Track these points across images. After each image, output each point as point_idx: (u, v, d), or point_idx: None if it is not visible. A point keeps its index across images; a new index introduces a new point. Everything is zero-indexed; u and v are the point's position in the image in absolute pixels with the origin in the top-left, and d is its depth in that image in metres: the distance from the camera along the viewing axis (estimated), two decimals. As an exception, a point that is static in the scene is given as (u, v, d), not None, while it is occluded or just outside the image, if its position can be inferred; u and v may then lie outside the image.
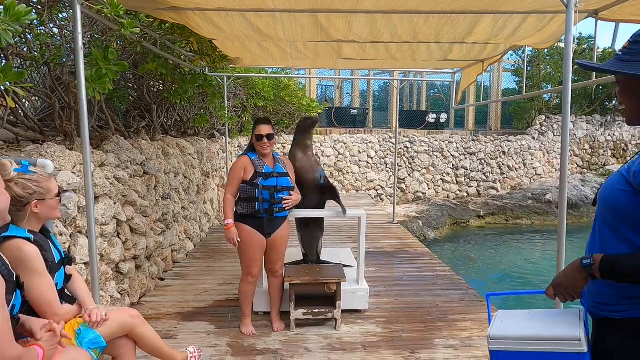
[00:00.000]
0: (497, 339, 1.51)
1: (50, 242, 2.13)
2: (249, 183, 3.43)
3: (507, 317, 1.61)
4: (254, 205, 3.44)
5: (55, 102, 3.69)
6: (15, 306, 1.66)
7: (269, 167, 3.50)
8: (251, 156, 3.51)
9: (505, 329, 1.54)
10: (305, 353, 3.37)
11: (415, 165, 12.84)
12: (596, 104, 15.06)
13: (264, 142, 3.46)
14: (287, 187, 3.52)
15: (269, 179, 3.45)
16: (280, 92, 9.75)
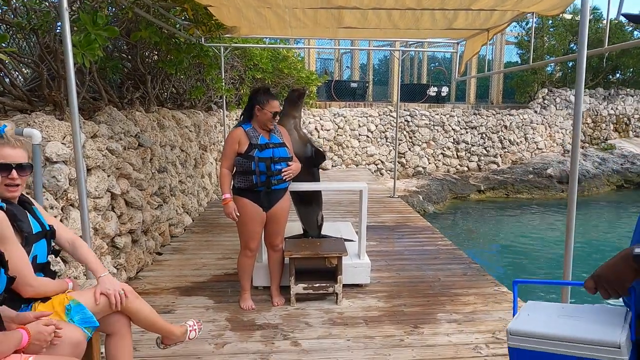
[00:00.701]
0: (517, 335, 1.27)
1: (31, 213, 2.02)
2: (245, 156, 3.29)
3: (535, 309, 1.37)
4: (250, 178, 3.31)
5: (43, 70, 3.53)
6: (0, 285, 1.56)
7: (264, 138, 3.35)
8: (245, 127, 3.36)
9: (529, 323, 1.30)
10: (305, 328, 3.31)
11: (415, 139, 12.69)
12: (600, 77, 14.83)
13: (276, 119, 3.37)
14: (284, 158, 3.39)
15: (264, 150, 3.31)
16: (278, 64, 9.51)
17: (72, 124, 2.68)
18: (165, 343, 2.42)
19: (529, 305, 1.39)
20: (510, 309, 3.63)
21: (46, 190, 2.95)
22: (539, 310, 1.36)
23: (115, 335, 2.21)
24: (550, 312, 1.35)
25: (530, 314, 1.34)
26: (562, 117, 13.89)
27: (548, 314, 1.33)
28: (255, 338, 3.15)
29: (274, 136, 3.40)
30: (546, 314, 1.33)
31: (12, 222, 1.85)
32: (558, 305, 1.39)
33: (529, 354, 1.26)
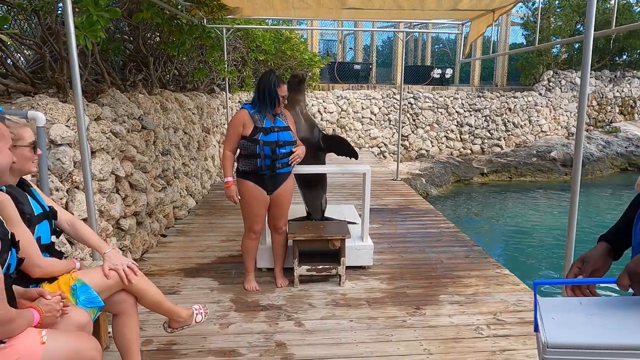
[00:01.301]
0: (556, 348, 1.09)
1: (30, 195, 2.04)
2: (249, 139, 3.28)
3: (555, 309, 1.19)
4: (255, 161, 3.32)
5: (46, 52, 3.51)
6: (11, 265, 1.59)
7: (269, 121, 3.34)
8: (250, 110, 3.34)
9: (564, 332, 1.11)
10: (309, 309, 3.35)
11: (419, 122, 12.64)
12: (606, 59, 14.66)
13: (283, 102, 3.38)
14: (289, 142, 3.39)
15: (269, 134, 3.30)
16: (281, 46, 9.42)
17: (76, 106, 2.68)
18: (172, 327, 2.45)
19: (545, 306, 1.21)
20: (512, 291, 3.66)
21: (51, 173, 2.97)
22: (559, 310, 1.19)
23: (122, 315, 2.25)
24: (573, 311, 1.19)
25: (555, 317, 1.16)
26: (567, 99, 13.78)
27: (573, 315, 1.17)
28: (260, 318, 3.20)
29: (278, 120, 3.39)
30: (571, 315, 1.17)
31: None
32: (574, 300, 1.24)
33: None
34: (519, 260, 6.96)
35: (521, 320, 3.18)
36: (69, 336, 1.72)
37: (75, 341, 1.70)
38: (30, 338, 1.60)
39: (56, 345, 1.63)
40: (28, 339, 1.60)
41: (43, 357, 1.59)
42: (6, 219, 1.73)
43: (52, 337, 1.65)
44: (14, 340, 1.57)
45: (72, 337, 1.72)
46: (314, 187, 4.16)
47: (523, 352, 2.79)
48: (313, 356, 2.74)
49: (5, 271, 1.54)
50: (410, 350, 2.82)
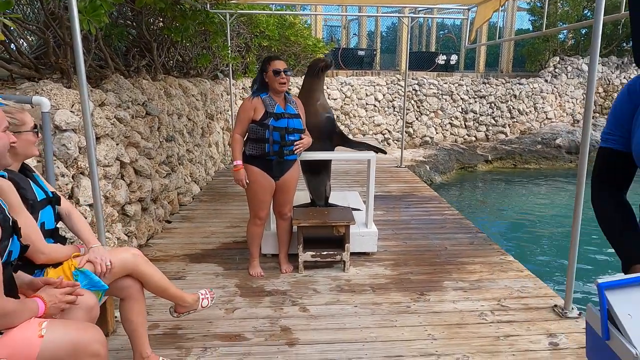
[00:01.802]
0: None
1: (33, 181, 2.04)
2: (259, 123, 3.28)
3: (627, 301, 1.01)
4: (263, 146, 3.32)
5: (49, 37, 3.50)
6: (13, 252, 1.56)
7: (280, 107, 3.34)
8: (262, 96, 3.35)
9: None
10: (313, 294, 3.37)
11: (423, 108, 12.56)
12: (613, 45, 14.48)
13: (282, 76, 3.29)
14: (298, 129, 3.39)
15: (280, 119, 3.30)
16: (285, 31, 9.35)
17: (81, 92, 2.67)
18: (178, 312, 2.46)
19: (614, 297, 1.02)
20: (516, 278, 3.67)
21: (56, 159, 2.97)
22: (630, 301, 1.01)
23: (128, 300, 2.26)
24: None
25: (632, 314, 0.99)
26: (573, 86, 13.65)
27: None
28: (265, 304, 3.22)
29: (289, 106, 3.39)
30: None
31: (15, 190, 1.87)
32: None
33: None
34: (524, 247, 6.96)
35: (525, 307, 3.20)
36: (70, 328, 1.64)
37: (76, 333, 1.62)
38: (28, 330, 1.55)
39: (55, 338, 1.57)
40: (26, 331, 1.54)
41: (41, 352, 1.53)
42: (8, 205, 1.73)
43: (52, 329, 1.58)
44: (12, 332, 1.52)
45: (73, 328, 1.64)
46: (319, 173, 4.16)
47: (526, 338, 2.81)
48: (318, 341, 2.77)
49: (5, 258, 1.50)
50: (415, 335, 2.84)
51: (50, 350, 1.55)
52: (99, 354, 1.64)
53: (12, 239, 1.54)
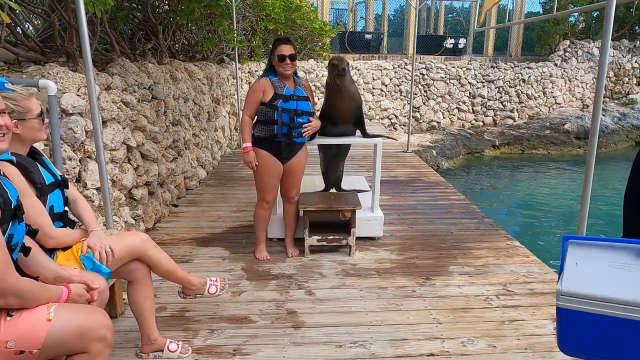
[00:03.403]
0: (569, 296, 1.13)
1: (42, 164, 2.04)
2: (268, 105, 3.28)
3: (583, 256, 1.19)
4: (272, 128, 3.31)
5: (54, 20, 3.48)
6: (14, 235, 1.56)
7: (289, 89, 3.34)
8: (271, 77, 3.34)
9: (581, 281, 1.14)
10: (319, 278, 3.39)
11: (430, 93, 12.46)
12: (625, 28, 14.22)
13: (287, 62, 3.27)
14: (307, 112, 3.39)
15: (289, 101, 3.30)
16: (291, 14, 9.25)
17: (87, 75, 2.67)
18: (185, 293, 2.49)
19: (573, 250, 1.22)
20: (522, 263, 3.67)
21: (63, 142, 2.98)
22: (587, 258, 1.19)
23: (136, 283, 2.29)
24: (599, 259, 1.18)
25: (579, 264, 1.18)
26: (584, 70, 13.46)
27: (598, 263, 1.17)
28: (271, 287, 3.24)
29: (298, 89, 3.39)
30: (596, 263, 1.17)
31: (23, 174, 1.87)
32: (606, 245, 1.21)
33: (580, 316, 1.13)
34: (531, 233, 6.95)
35: (531, 292, 3.20)
36: (78, 312, 1.66)
37: (83, 318, 1.64)
38: (36, 314, 1.56)
39: (63, 322, 1.58)
40: (35, 314, 1.56)
41: (48, 335, 1.54)
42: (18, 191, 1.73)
43: (60, 313, 1.59)
44: (21, 314, 1.54)
45: (80, 313, 1.66)
46: (340, 156, 4.20)
47: (532, 323, 2.81)
48: (323, 324, 2.79)
49: (6, 240, 1.50)
50: (420, 319, 2.85)
51: (57, 334, 1.56)
52: (105, 338, 1.65)
53: (12, 222, 1.53)
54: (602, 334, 1.12)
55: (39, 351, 1.54)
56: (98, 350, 1.64)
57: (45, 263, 1.81)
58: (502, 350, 2.55)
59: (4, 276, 1.46)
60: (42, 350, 1.54)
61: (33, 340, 1.53)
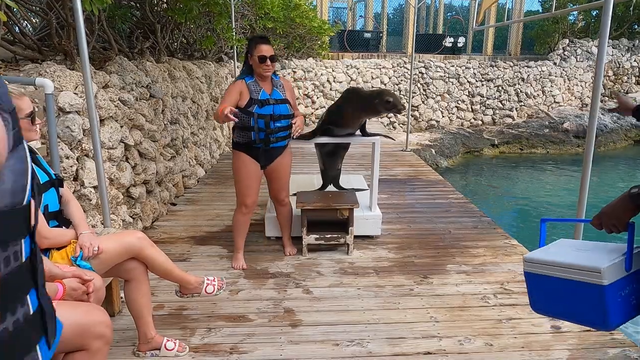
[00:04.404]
0: (529, 262, 1.51)
1: (36, 163, 2.03)
2: (244, 110, 3.12)
3: (560, 244, 1.58)
4: (249, 134, 3.18)
5: (52, 18, 3.48)
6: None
7: (265, 92, 3.18)
8: (247, 80, 3.18)
9: (543, 254, 1.51)
10: (317, 277, 3.39)
11: (429, 92, 12.44)
12: (624, 27, 14.21)
13: (267, 64, 3.11)
14: (285, 115, 3.24)
15: (264, 106, 3.15)
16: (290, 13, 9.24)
17: (84, 73, 2.66)
18: (182, 292, 2.49)
19: (559, 242, 1.59)
20: (519, 262, 3.67)
21: (61, 141, 2.98)
22: (562, 246, 1.55)
23: (132, 281, 2.29)
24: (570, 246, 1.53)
25: (552, 248, 1.54)
26: (583, 69, 13.45)
27: (566, 248, 1.51)
28: (269, 286, 3.24)
29: (275, 91, 3.24)
30: (565, 248, 1.52)
31: None
32: (582, 242, 1.57)
33: (536, 277, 1.50)
34: (528, 232, 6.95)
35: (528, 290, 3.20)
36: (76, 309, 1.65)
37: (82, 315, 1.63)
38: None
39: (62, 320, 1.51)
40: None
41: None
42: None
43: (59, 311, 1.53)
44: None
45: (79, 310, 1.65)
46: (338, 154, 4.19)
47: (529, 321, 2.82)
48: (321, 322, 2.79)
49: None
50: (417, 317, 2.86)
51: None
52: (104, 335, 1.65)
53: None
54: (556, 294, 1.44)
55: None
56: (97, 348, 1.64)
57: None
58: (498, 348, 2.56)
59: None
60: None
61: None
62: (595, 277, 1.32)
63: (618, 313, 1.35)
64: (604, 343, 2.59)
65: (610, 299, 1.32)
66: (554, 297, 1.47)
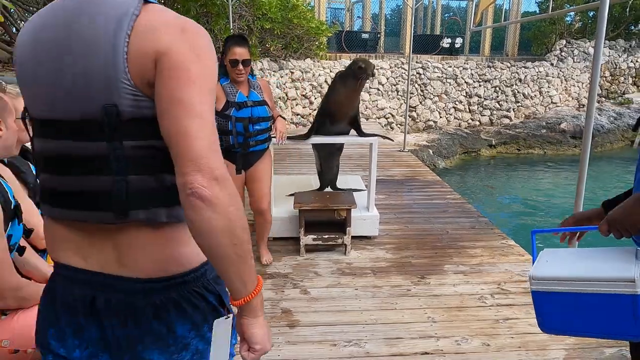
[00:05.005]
0: (539, 279, 1.36)
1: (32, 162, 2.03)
2: (221, 114, 2.99)
3: (553, 256, 1.47)
4: (227, 139, 3.05)
5: (49, 19, 3.47)
6: (13, 235, 1.56)
7: (242, 95, 3.07)
8: (222, 82, 3.05)
9: (549, 268, 1.40)
10: (315, 277, 3.39)
11: (427, 92, 12.47)
12: (621, 28, 14.27)
13: (239, 69, 2.97)
14: (263, 118, 3.13)
15: (242, 109, 3.03)
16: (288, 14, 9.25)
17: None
18: None
19: (545, 253, 1.48)
20: (516, 262, 3.68)
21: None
22: (555, 256, 1.45)
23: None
24: (565, 256, 1.43)
25: (549, 260, 1.43)
26: (580, 70, 13.50)
27: (564, 259, 1.42)
28: (266, 286, 3.25)
29: (253, 92, 3.13)
30: (563, 259, 1.42)
31: (15, 174, 1.85)
32: (572, 250, 1.47)
33: (551, 296, 1.35)
34: (525, 232, 6.96)
35: (525, 290, 3.21)
36: None
37: None
38: (31, 313, 1.54)
39: None
40: (30, 313, 1.55)
41: None
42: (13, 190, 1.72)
43: None
44: (16, 314, 1.53)
45: None
46: (334, 155, 4.18)
47: (526, 321, 2.83)
48: (318, 323, 2.80)
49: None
50: (414, 317, 2.86)
51: None
52: None
53: (12, 222, 1.53)
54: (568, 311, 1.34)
55: (34, 350, 1.53)
56: None
57: (36, 263, 1.80)
58: (495, 348, 2.57)
59: (6, 278, 1.45)
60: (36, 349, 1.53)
61: (28, 340, 1.53)
62: (629, 287, 1.23)
63: None
64: (600, 343, 2.60)
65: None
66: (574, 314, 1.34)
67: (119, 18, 0.88)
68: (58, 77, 0.91)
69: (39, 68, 0.94)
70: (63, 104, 0.92)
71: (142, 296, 0.97)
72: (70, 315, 1.00)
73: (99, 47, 0.88)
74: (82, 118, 0.91)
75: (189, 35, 0.92)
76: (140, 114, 0.90)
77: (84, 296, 0.99)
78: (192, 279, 1.01)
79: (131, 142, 0.91)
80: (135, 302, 0.97)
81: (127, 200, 0.92)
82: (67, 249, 1.01)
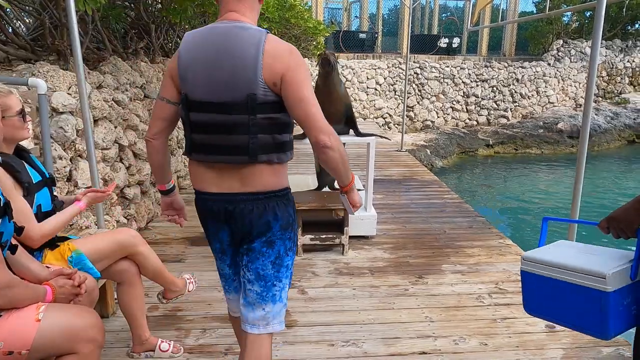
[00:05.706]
0: (528, 260, 1.47)
1: (29, 163, 2.01)
2: None
3: (561, 246, 1.53)
4: None
5: (45, 18, 3.46)
6: (3, 233, 1.54)
7: None
8: None
9: (544, 253, 1.47)
10: (312, 277, 3.39)
11: (424, 92, 12.48)
12: (617, 28, 14.31)
13: None
14: None
15: None
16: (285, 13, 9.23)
17: (77, 74, 2.65)
18: (167, 297, 2.44)
19: (559, 242, 1.55)
20: (514, 261, 3.68)
21: (54, 141, 2.96)
22: (562, 247, 1.51)
23: (125, 284, 2.27)
24: (570, 248, 1.48)
25: (552, 248, 1.50)
26: (577, 69, 13.53)
27: (567, 250, 1.46)
28: (263, 286, 3.23)
29: None
30: (566, 249, 1.47)
31: (10, 173, 1.83)
32: (582, 245, 1.51)
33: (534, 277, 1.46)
34: (523, 231, 6.98)
35: (522, 290, 3.21)
36: (68, 313, 1.62)
37: (73, 319, 1.61)
38: (25, 314, 1.54)
39: (52, 323, 1.55)
40: (24, 314, 1.54)
41: (37, 336, 1.51)
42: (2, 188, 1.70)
43: (49, 313, 1.57)
44: (10, 314, 1.52)
45: (70, 314, 1.62)
46: None
47: (523, 320, 2.82)
48: (316, 322, 2.79)
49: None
50: (412, 317, 2.86)
51: (46, 335, 1.53)
52: (95, 339, 1.62)
53: (2, 220, 1.51)
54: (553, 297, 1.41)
55: (28, 352, 1.52)
56: (88, 351, 1.61)
57: (29, 264, 1.79)
58: (493, 348, 2.56)
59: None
60: (31, 351, 1.52)
61: (22, 341, 1.51)
62: (600, 282, 1.27)
63: (618, 322, 1.30)
64: (597, 342, 2.60)
65: (613, 306, 1.27)
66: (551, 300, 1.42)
67: (256, 44, 1.47)
68: (215, 77, 1.50)
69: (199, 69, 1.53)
70: (217, 93, 1.51)
71: (254, 202, 1.59)
72: (216, 221, 1.72)
73: (245, 60, 1.47)
74: (233, 101, 1.50)
75: (294, 55, 1.53)
76: (267, 99, 1.50)
77: (219, 209, 1.64)
78: (282, 194, 1.65)
79: (260, 115, 1.50)
80: (249, 207, 1.59)
81: (256, 149, 1.52)
82: (205, 181, 1.66)
